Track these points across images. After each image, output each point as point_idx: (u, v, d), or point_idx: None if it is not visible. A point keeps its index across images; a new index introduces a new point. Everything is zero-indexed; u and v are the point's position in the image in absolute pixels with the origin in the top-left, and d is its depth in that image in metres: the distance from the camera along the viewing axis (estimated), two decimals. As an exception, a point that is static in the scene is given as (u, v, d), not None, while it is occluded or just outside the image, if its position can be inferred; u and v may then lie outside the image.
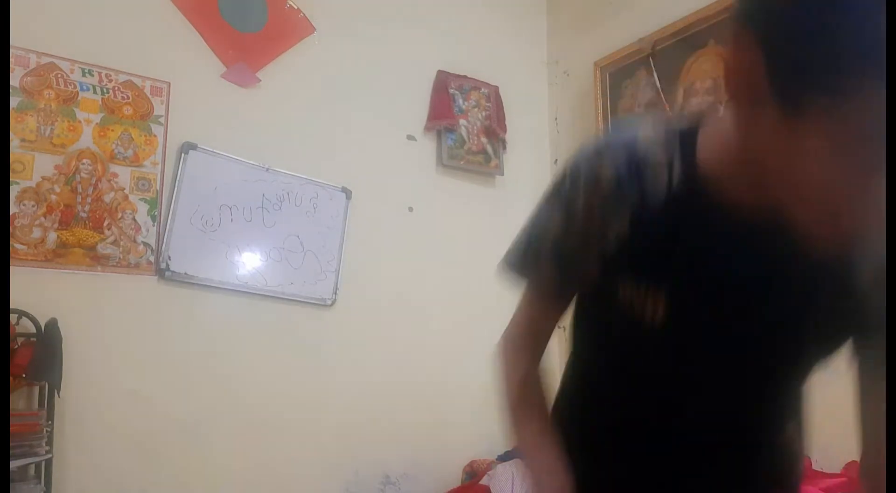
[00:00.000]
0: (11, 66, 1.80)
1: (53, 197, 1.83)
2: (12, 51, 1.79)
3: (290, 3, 2.35)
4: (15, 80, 1.81)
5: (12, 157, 1.77)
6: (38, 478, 1.64)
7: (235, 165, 2.14)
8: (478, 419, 2.54)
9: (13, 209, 1.76)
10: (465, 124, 2.69)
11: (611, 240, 0.64)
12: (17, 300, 1.64)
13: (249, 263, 2.13)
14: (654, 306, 0.64)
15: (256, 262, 2.14)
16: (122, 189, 1.94)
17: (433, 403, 2.45)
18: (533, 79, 3.02)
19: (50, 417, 1.66)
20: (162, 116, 2.03)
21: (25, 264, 1.76)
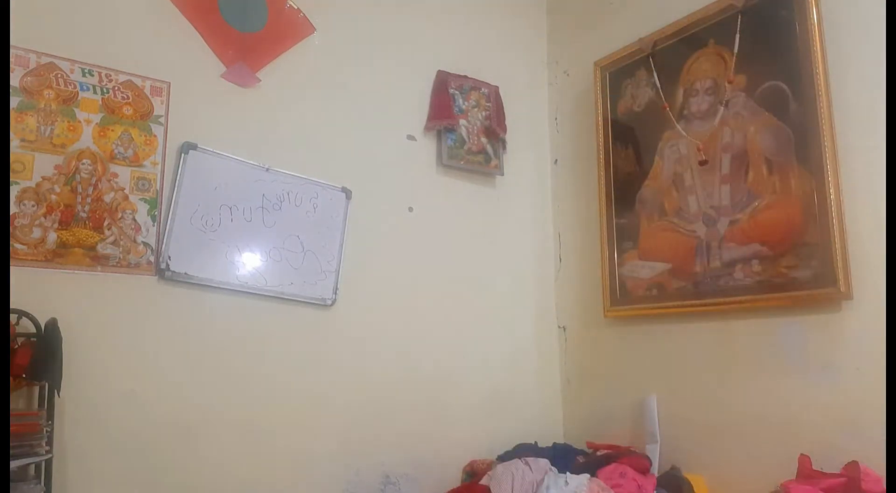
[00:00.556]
0: (11, 66, 1.80)
1: (53, 197, 1.83)
2: (12, 51, 1.80)
3: (290, 3, 2.35)
4: (15, 81, 1.81)
5: (12, 157, 1.78)
6: (38, 478, 1.63)
7: (235, 165, 2.14)
8: (478, 419, 2.55)
9: (13, 209, 1.76)
10: (465, 124, 2.69)
11: None
12: (17, 300, 1.64)
13: (249, 263, 2.13)
14: None
15: (256, 262, 2.14)
16: (122, 189, 1.94)
17: (433, 403, 2.45)
18: (533, 79, 3.02)
19: (50, 417, 1.65)
20: (162, 116, 2.03)
21: (25, 264, 1.76)
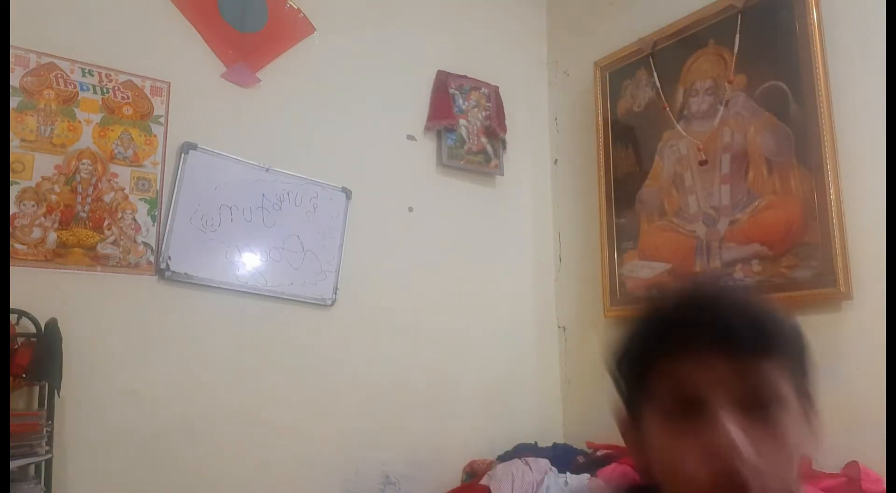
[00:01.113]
0: (11, 66, 1.80)
1: (53, 197, 1.83)
2: (12, 51, 1.79)
3: (291, 3, 2.35)
4: (15, 81, 1.81)
5: (12, 157, 1.77)
6: (38, 478, 1.63)
7: (235, 165, 2.14)
8: (478, 419, 2.55)
9: (13, 209, 1.76)
10: (465, 124, 2.69)
11: None
12: (17, 300, 1.64)
13: (249, 263, 2.13)
14: None
15: (256, 262, 2.14)
16: (122, 189, 1.94)
17: (433, 403, 2.45)
18: (533, 79, 3.02)
19: (50, 417, 1.65)
20: (162, 116, 2.03)
21: (25, 264, 1.76)
